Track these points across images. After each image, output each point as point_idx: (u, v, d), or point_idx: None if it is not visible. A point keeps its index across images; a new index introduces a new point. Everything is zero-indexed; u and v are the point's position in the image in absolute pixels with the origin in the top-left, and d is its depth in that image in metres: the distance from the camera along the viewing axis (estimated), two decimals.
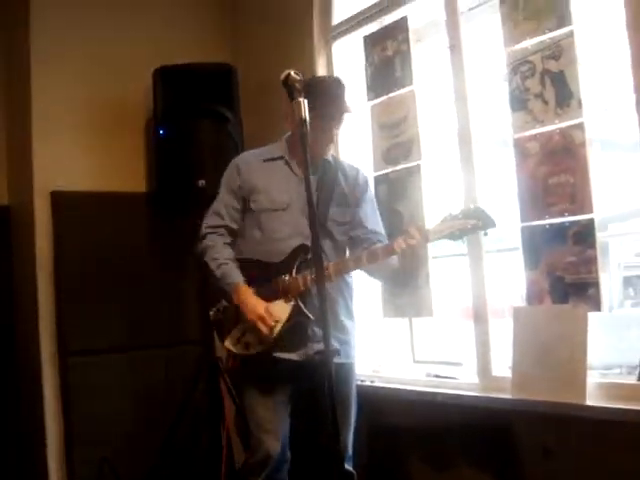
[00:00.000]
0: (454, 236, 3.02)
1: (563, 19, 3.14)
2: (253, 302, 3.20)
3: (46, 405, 4.44)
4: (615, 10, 3.04)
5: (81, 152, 4.63)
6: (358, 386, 4.02)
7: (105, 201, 4.62)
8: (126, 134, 4.77)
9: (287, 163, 3.37)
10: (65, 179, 4.52)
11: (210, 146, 4.40)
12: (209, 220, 3.42)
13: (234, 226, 3.40)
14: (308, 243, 3.07)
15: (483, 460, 3.48)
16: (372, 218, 3.48)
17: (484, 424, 3.42)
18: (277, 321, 3.16)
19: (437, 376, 3.85)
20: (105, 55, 4.68)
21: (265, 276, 3.24)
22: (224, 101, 4.48)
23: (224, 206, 3.40)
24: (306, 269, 3.16)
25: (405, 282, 3.61)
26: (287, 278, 3.19)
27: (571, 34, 3.13)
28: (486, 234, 3.03)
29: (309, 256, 3.14)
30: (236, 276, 3.28)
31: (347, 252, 3.45)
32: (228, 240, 3.40)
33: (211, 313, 3.39)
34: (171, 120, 4.46)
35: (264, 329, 3.15)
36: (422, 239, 3.04)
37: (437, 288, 3.83)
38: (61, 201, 4.53)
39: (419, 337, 4.30)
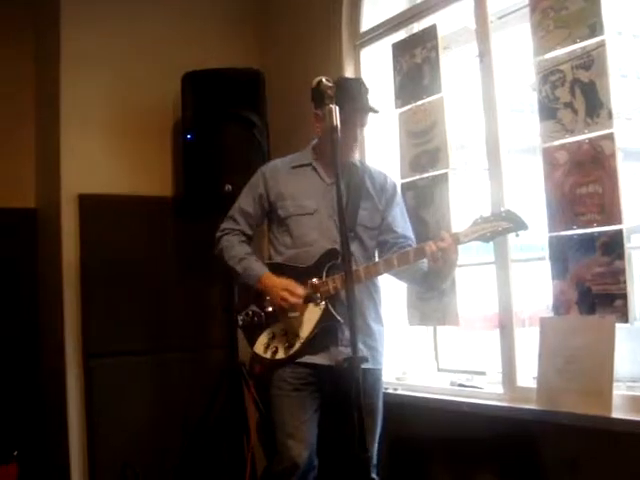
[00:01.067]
0: (485, 238, 3.00)
1: (595, 29, 3.12)
2: (277, 281, 3.27)
3: (69, 406, 4.46)
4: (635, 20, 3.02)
5: (108, 156, 4.66)
6: (383, 393, 4.02)
7: (132, 205, 4.64)
8: (153, 138, 4.79)
9: (315, 169, 3.41)
10: (92, 182, 4.56)
11: (237, 151, 4.41)
12: (224, 224, 3.50)
13: (249, 232, 3.48)
14: (338, 247, 3.17)
15: (507, 471, 3.45)
16: (401, 223, 3.49)
17: (508, 435, 3.40)
18: (303, 292, 3.21)
19: (461, 385, 3.83)
20: (134, 60, 4.72)
21: (295, 280, 3.26)
22: (251, 106, 4.49)
23: (240, 212, 3.48)
24: (336, 273, 3.19)
25: (435, 286, 3.54)
26: (317, 281, 3.22)
27: (603, 44, 3.10)
28: (517, 235, 2.98)
29: (339, 260, 3.16)
30: (258, 267, 3.36)
31: (376, 257, 3.45)
32: (244, 239, 3.47)
33: (240, 317, 3.41)
34: (198, 125, 4.47)
35: (293, 298, 3.21)
36: (453, 242, 3.03)
37: (463, 297, 3.82)
38: (88, 204, 4.56)
39: (444, 345, 4.29)
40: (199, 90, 4.50)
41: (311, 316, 3.23)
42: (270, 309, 3.33)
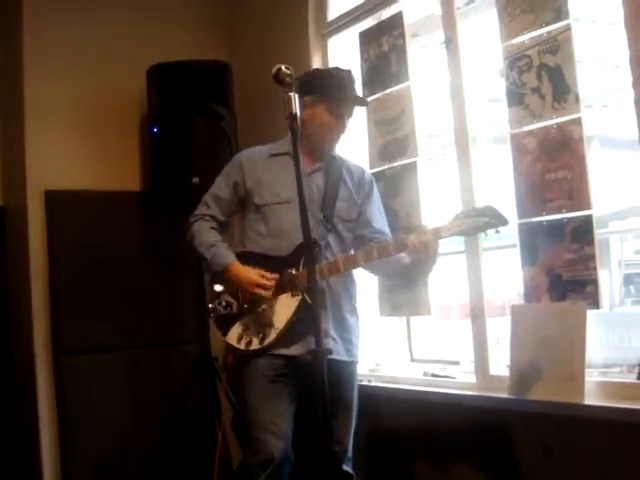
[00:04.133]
0: (466, 233, 3.04)
1: (560, 13, 3.10)
2: (246, 273, 3.22)
3: (40, 405, 4.40)
4: (613, 6, 3.00)
5: (75, 151, 4.59)
6: None
7: (99, 200, 4.58)
8: (120, 132, 4.73)
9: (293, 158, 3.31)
10: (59, 178, 4.49)
11: (204, 143, 4.38)
12: (197, 210, 3.44)
13: (221, 217, 3.42)
14: (316, 237, 3.14)
15: (481, 460, 3.45)
16: (378, 218, 3.46)
17: (482, 423, 3.39)
18: (273, 280, 3.17)
19: (435, 375, 3.82)
20: (99, 53, 4.64)
21: (270, 270, 3.22)
22: (218, 98, 4.44)
23: (213, 197, 3.42)
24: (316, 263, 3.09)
25: (415, 280, 3.52)
26: (294, 272, 3.17)
27: (568, 28, 3.08)
28: (498, 232, 2.97)
29: (317, 250, 3.15)
30: (227, 255, 3.30)
31: (352, 251, 3.40)
32: (214, 225, 3.41)
33: (210, 306, 3.34)
34: (165, 117, 4.43)
35: (263, 292, 3.17)
36: (434, 236, 3.02)
37: (435, 286, 3.80)
38: (55, 200, 4.49)
39: (417, 336, 4.27)
40: (165, 83, 4.45)
41: (287, 307, 3.16)
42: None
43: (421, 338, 4.27)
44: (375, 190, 3.51)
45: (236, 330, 3.26)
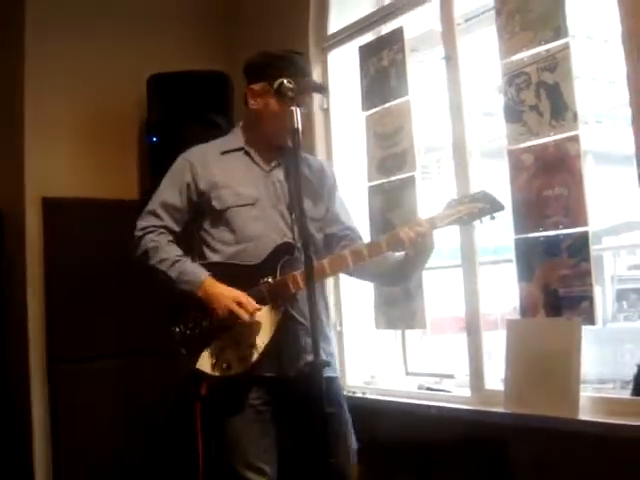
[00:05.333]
0: (462, 221, 2.75)
1: (559, 31, 3.13)
2: (225, 289, 2.76)
3: (34, 412, 4.41)
4: (611, 25, 3.03)
5: (73, 158, 4.61)
6: (349, 398, 4.01)
7: (97, 208, 4.59)
8: (119, 141, 4.75)
9: (247, 154, 2.98)
10: (56, 185, 4.51)
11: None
12: (143, 221, 2.96)
13: (175, 228, 2.94)
14: (290, 240, 2.83)
15: (475, 474, 3.44)
16: (345, 213, 3.13)
17: (476, 438, 3.39)
18: (259, 309, 2.73)
19: (429, 389, 3.83)
20: (99, 62, 4.66)
21: (242, 280, 2.79)
22: (218, 109, 4.46)
23: (162, 205, 2.95)
24: (290, 270, 2.76)
25: (407, 279, 3.15)
26: (272, 281, 2.78)
27: (567, 46, 3.11)
28: (493, 218, 2.74)
29: (294, 255, 2.79)
30: (197, 271, 2.83)
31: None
32: (171, 238, 2.93)
33: (176, 330, 2.87)
34: (164, 127, 4.44)
35: (243, 314, 2.71)
36: (430, 226, 2.73)
37: (431, 300, 3.82)
38: (52, 207, 4.51)
39: (412, 349, 4.29)
40: (164, 92, 4.46)
41: (268, 321, 2.76)
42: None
43: (416, 351, 4.29)
44: (338, 184, 3.19)
45: (209, 355, 2.79)
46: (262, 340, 2.76)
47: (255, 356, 2.76)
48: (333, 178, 3.16)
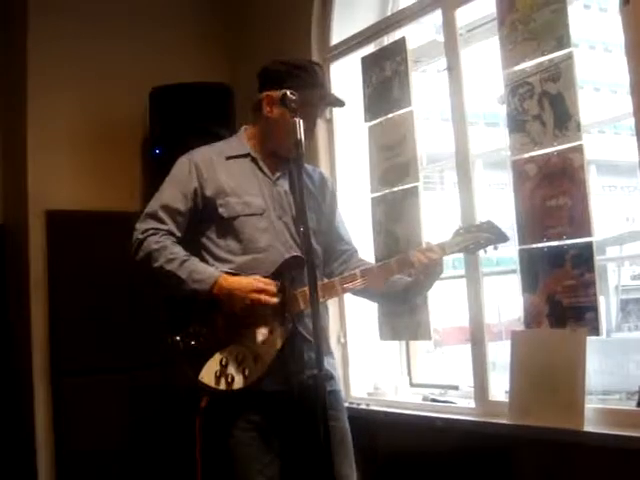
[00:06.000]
0: (469, 250, 2.79)
1: (562, 41, 3.13)
2: (238, 282, 2.67)
3: (38, 424, 4.41)
4: (611, 33, 3.02)
5: (76, 171, 4.62)
6: (353, 409, 4.01)
7: (100, 220, 4.58)
8: (122, 153, 4.76)
9: (254, 161, 2.89)
10: (60, 198, 4.52)
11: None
12: (144, 224, 2.83)
13: (178, 234, 2.80)
14: (299, 254, 2.73)
15: None
16: (344, 228, 3.10)
17: (481, 449, 3.37)
18: (276, 288, 2.66)
19: (434, 400, 3.81)
20: (102, 75, 4.68)
21: None
22: (220, 121, 4.45)
23: (164, 209, 2.80)
24: (299, 284, 2.69)
25: (412, 300, 3.23)
26: (282, 295, 2.68)
27: (570, 56, 3.11)
28: (496, 248, 2.80)
29: (304, 270, 2.59)
30: (209, 269, 2.73)
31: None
32: (175, 240, 2.78)
33: (177, 339, 2.71)
34: (167, 139, 4.44)
35: (269, 299, 2.64)
36: (441, 251, 2.75)
37: (436, 311, 3.81)
38: (56, 220, 4.51)
39: (418, 360, 4.28)
40: (167, 105, 4.48)
41: (274, 337, 2.68)
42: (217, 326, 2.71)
43: (421, 362, 4.28)
44: (337, 197, 3.14)
45: (212, 367, 2.66)
46: (268, 355, 2.68)
47: (260, 371, 2.67)
48: (333, 191, 3.12)
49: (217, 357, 2.68)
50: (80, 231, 4.53)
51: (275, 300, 2.65)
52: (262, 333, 2.69)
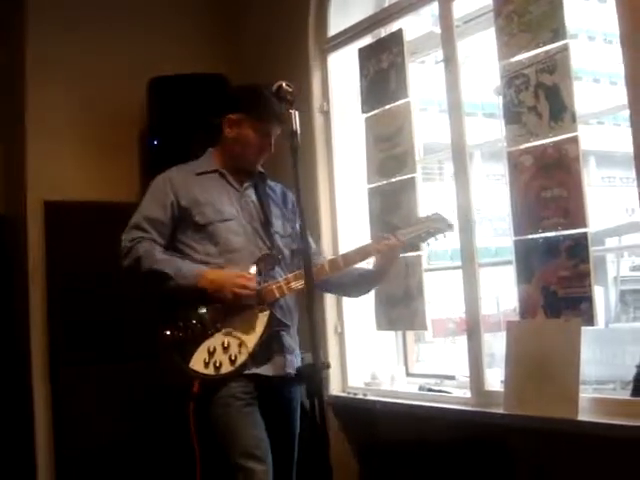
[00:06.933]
0: (421, 238, 3.12)
1: (558, 33, 3.13)
2: (223, 276, 2.95)
3: (36, 415, 4.43)
4: (610, 24, 3.03)
5: (75, 162, 4.63)
6: (350, 399, 4.02)
7: (99, 211, 4.59)
8: (120, 144, 4.76)
9: (222, 176, 3.19)
10: (58, 189, 4.53)
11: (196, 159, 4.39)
12: (129, 235, 3.09)
13: (161, 241, 3.07)
14: (271, 252, 3.07)
15: (475, 475, 3.45)
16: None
17: (476, 439, 3.40)
18: (252, 279, 2.95)
19: (430, 390, 3.83)
20: (99, 66, 4.68)
21: None
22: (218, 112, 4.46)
23: (147, 220, 3.08)
24: (271, 279, 3.02)
25: (372, 287, 3.41)
26: (260, 287, 2.97)
27: (566, 48, 3.11)
28: (445, 237, 3.14)
29: (275, 265, 3.06)
30: (194, 265, 3.01)
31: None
32: (161, 247, 3.07)
33: (167, 333, 2.97)
34: (165, 130, 4.46)
35: (248, 293, 2.92)
36: (397, 239, 3.07)
37: (433, 301, 3.82)
38: (54, 211, 4.53)
39: (417, 350, 4.30)
40: (165, 96, 4.49)
41: (255, 324, 2.96)
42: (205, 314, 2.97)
43: (418, 352, 4.30)
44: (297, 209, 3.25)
45: (201, 355, 2.93)
46: (251, 341, 2.95)
47: (244, 356, 2.93)
48: (294, 202, 3.31)
49: (205, 346, 2.94)
50: (78, 221, 4.54)
51: (254, 294, 2.94)
52: (244, 321, 2.96)
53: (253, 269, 3.01)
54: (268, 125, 3.12)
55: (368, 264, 3.22)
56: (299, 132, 2.51)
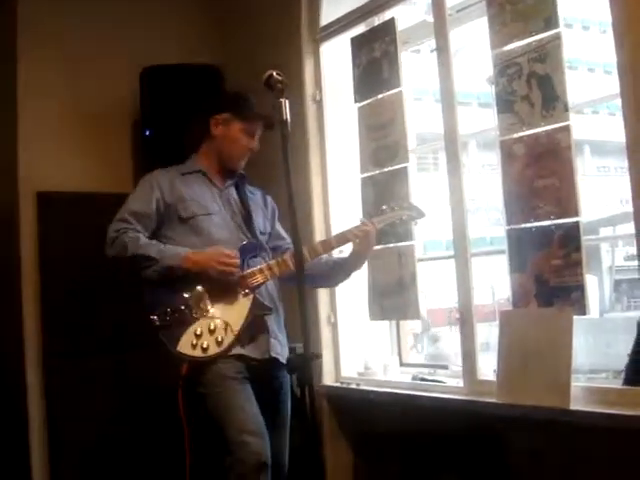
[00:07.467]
0: (394, 225, 3.41)
1: (550, 22, 3.13)
2: (206, 254, 3.10)
3: (30, 406, 4.42)
4: (605, 13, 3.02)
5: (67, 153, 4.61)
6: (344, 389, 4.03)
7: (91, 202, 4.56)
8: (113, 134, 4.75)
9: (205, 175, 3.37)
10: (51, 180, 4.51)
11: (196, 147, 4.36)
12: (115, 226, 3.21)
13: (145, 234, 3.21)
14: (253, 241, 3.26)
15: (468, 463, 3.46)
16: (284, 230, 3.52)
17: (469, 428, 3.40)
18: (235, 258, 3.11)
19: (423, 379, 3.83)
20: (92, 55, 4.66)
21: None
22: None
23: (132, 214, 3.22)
24: (254, 265, 3.18)
25: (349, 274, 3.46)
26: (243, 272, 3.14)
27: (558, 37, 3.11)
28: (416, 224, 3.51)
29: (257, 253, 3.23)
30: (178, 248, 3.15)
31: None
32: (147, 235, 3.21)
33: (154, 318, 3.08)
34: (157, 121, 4.45)
35: (230, 268, 3.09)
36: (372, 225, 3.25)
37: (427, 290, 3.82)
38: (47, 202, 4.51)
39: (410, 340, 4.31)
40: (158, 86, 4.48)
41: (240, 308, 3.12)
42: (188, 298, 3.08)
43: (411, 342, 4.30)
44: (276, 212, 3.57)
45: (188, 338, 3.06)
46: (236, 324, 3.09)
47: (230, 338, 3.08)
48: (274, 205, 3.55)
49: (192, 329, 3.08)
50: (71, 212, 4.52)
51: (238, 262, 3.11)
52: (229, 305, 3.11)
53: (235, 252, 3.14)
54: (254, 126, 3.32)
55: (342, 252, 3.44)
56: (289, 121, 2.50)
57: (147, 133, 4.50)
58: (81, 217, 4.52)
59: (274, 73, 2.59)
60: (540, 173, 3.18)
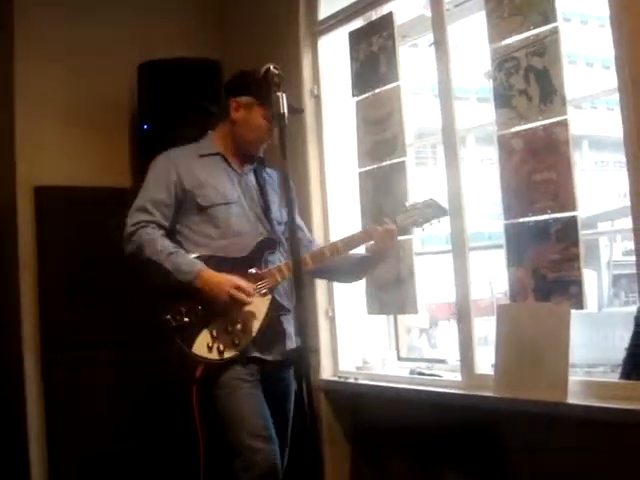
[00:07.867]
0: (417, 224, 3.19)
1: (548, 16, 3.12)
2: (221, 277, 2.96)
3: (28, 401, 4.42)
4: (603, 8, 3.02)
5: (65, 147, 4.60)
6: (342, 383, 4.03)
7: (89, 196, 4.56)
8: (111, 129, 4.74)
9: (224, 159, 3.22)
10: (49, 174, 4.50)
11: (194, 141, 4.37)
12: (134, 218, 3.09)
13: (165, 223, 3.10)
14: (272, 236, 3.14)
15: (466, 458, 3.47)
16: (301, 220, 3.44)
17: (467, 422, 3.41)
18: (252, 286, 2.97)
19: (421, 374, 3.84)
20: (90, 50, 4.65)
21: (231, 272, 3.00)
22: (209, 96, 4.43)
23: (152, 202, 3.09)
24: (271, 263, 3.08)
25: (368, 273, 3.51)
26: (258, 272, 3.04)
27: (555, 31, 3.10)
28: (439, 222, 3.22)
29: (276, 249, 3.13)
30: (192, 261, 3.01)
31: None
32: (163, 232, 3.08)
33: (168, 317, 2.98)
34: (156, 115, 4.44)
35: (244, 297, 2.93)
36: (394, 225, 3.13)
37: (425, 285, 3.82)
38: (45, 196, 4.50)
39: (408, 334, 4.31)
40: (156, 80, 4.46)
41: (258, 309, 2.99)
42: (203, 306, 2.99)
43: (409, 336, 4.30)
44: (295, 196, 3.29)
45: (203, 339, 2.96)
46: (254, 326, 2.99)
47: (247, 340, 2.98)
48: (292, 189, 3.14)
49: (207, 330, 2.97)
50: (69, 207, 4.51)
51: (252, 300, 2.96)
52: (247, 308, 2.97)
53: (253, 270, 3.04)
54: (262, 112, 3.14)
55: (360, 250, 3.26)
56: (287, 115, 2.50)
57: (145, 127, 4.48)
58: (79, 211, 4.52)
59: (271, 66, 2.59)
60: (538, 167, 3.18)
